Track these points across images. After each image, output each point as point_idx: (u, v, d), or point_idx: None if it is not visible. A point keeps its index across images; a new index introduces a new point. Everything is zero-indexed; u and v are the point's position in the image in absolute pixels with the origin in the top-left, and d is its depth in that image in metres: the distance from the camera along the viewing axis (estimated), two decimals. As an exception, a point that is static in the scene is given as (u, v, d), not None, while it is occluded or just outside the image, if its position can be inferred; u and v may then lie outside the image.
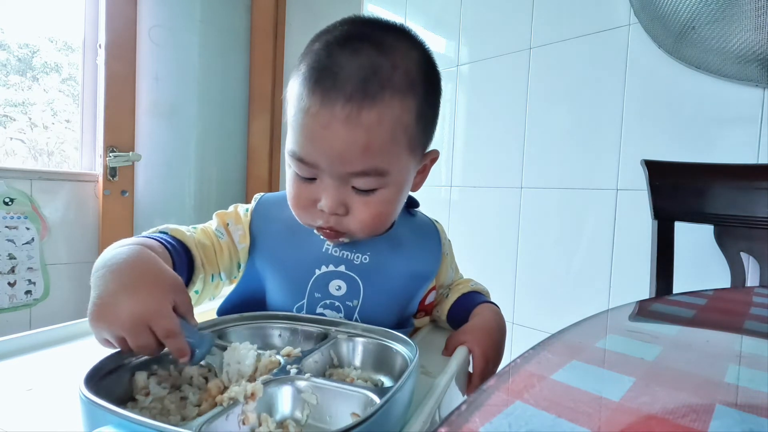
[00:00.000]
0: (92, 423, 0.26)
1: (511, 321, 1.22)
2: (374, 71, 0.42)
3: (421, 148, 0.49)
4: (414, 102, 0.45)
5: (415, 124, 0.45)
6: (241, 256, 0.53)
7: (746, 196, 0.79)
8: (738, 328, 0.38)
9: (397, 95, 0.43)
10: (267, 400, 0.32)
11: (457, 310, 0.60)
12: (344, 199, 0.45)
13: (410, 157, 0.47)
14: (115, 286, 0.36)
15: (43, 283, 1.42)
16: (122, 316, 0.33)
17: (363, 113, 0.41)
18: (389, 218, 0.50)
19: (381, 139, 0.42)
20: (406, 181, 0.49)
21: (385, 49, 0.43)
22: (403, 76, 0.43)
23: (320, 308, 0.51)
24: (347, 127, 0.41)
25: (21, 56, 1.50)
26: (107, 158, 1.50)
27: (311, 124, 0.42)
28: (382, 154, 0.43)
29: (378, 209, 0.46)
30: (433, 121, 0.50)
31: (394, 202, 0.48)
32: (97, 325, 0.34)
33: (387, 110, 0.42)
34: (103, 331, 0.34)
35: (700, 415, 0.20)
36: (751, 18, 0.78)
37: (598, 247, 1.07)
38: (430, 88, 0.48)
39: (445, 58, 1.39)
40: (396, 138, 0.44)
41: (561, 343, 0.31)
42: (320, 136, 0.42)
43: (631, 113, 1.02)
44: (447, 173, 1.38)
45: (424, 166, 0.53)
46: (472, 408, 0.20)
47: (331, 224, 0.47)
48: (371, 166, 0.43)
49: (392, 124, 0.43)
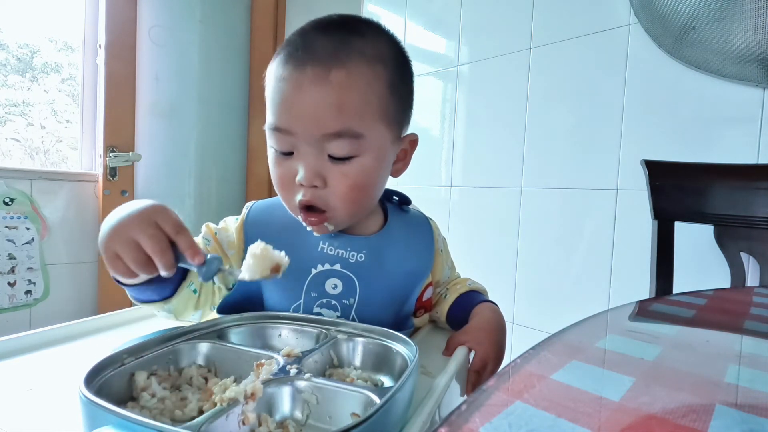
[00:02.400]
0: (92, 423, 0.26)
1: (511, 321, 1.22)
2: (344, 43, 0.45)
3: (397, 125, 0.50)
4: (384, 72, 0.47)
5: (388, 94, 0.47)
6: (234, 261, 0.53)
7: (746, 196, 0.79)
8: (738, 328, 0.38)
9: (366, 62, 0.45)
10: (267, 400, 0.32)
11: (457, 310, 0.60)
12: (320, 170, 0.46)
13: (386, 129, 0.48)
14: (123, 212, 0.38)
15: (43, 283, 1.42)
16: (132, 219, 0.36)
17: (332, 72, 0.43)
18: (369, 192, 0.50)
19: (351, 98, 0.44)
20: (385, 156, 0.50)
21: (356, 30, 0.47)
22: (372, 49, 0.46)
23: (317, 307, 0.51)
24: (317, 86, 0.43)
25: (21, 56, 1.50)
26: (107, 158, 1.51)
27: (284, 89, 0.45)
28: (355, 116, 0.45)
29: (356, 179, 0.47)
30: (406, 100, 0.52)
31: (373, 173, 0.48)
32: (108, 237, 0.37)
33: (356, 72, 0.44)
34: (114, 241, 0.36)
35: (700, 415, 0.20)
36: (752, 18, 0.78)
37: (598, 247, 1.07)
38: (401, 66, 0.50)
39: (445, 58, 1.39)
40: (368, 101, 0.45)
41: (561, 343, 0.31)
42: (293, 99, 0.44)
43: (631, 113, 1.02)
44: (447, 173, 1.38)
45: (405, 151, 0.54)
46: (472, 408, 0.20)
47: (309, 197, 0.47)
48: (344, 127, 0.44)
49: (362, 86, 0.45)
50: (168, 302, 0.46)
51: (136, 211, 0.38)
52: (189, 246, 0.37)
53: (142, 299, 0.45)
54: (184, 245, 0.37)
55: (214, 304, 0.53)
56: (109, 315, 0.58)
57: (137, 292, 0.44)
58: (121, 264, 0.37)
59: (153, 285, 0.42)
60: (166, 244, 0.37)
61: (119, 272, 0.37)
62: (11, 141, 1.47)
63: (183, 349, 0.39)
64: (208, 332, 0.42)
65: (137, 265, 0.36)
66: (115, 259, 0.37)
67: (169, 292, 0.45)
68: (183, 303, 0.48)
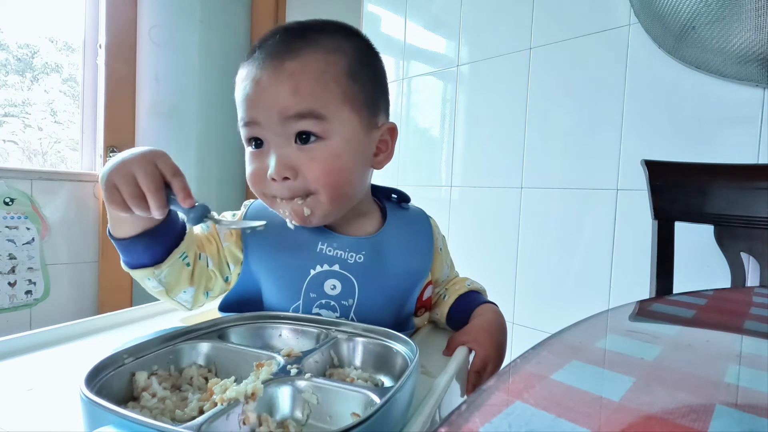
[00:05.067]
0: (92, 423, 0.26)
1: (511, 321, 1.22)
2: (299, 38, 0.48)
3: (367, 111, 0.51)
4: (343, 59, 0.48)
5: (348, 80, 0.48)
6: (228, 255, 0.53)
7: (746, 196, 0.79)
8: (738, 328, 0.38)
9: (321, 50, 0.47)
10: (267, 400, 0.32)
11: (457, 311, 0.60)
12: (290, 160, 0.47)
13: (353, 114, 0.49)
14: (127, 152, 0.41)
15: (43, 283, 1.43)
16: (134, 157, 0.39)
17: (286, 62, 0.46)
18: (344, 177, 0.50)
19: (307, 82, 0.46)
20: (357, 142, 0.50)
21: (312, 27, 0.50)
22: (329, 40, 0.49)
23: (316, 308, 0.51)
24: (273, 75, 0.46)
25: (21, 56, 1.50)
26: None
27: (246, 85, 0.48)
28: (314, 97, 0.46)
29: (325, 163, 0.47)
30: (374, 87, 0.52)
31: (344, 157, 0.48)
32: (110, 170, 0.39)
33: (310, 59, 0.47)
34: (114, 174, 0.39)
35: (700, 415, 0.20)
36: (751, 18, 0.78)
37: (598, 247, 1.07)
38: (363, 56, 0.51)
39: (445, 58, 1.39)
40: (324, 85, 0.47)
41: (561, 343, 0.31)
42: (254, 91, 0.47)
43: (631, 113, 1.02)
44: (447, 173, 1.38)
45: (385, 142, 0.54)
46: (472, 408, 0.20)
47: (287, 194, 0.48)
48: (305, 108, 0.46)
49: (317, 71, 0.47)
50: (159, 268, 0.45)
51: (139, 151, 0.40)
52: (182, 189, 0.40)
53: (134, 263, 0.46)
54: (178, 187, 0.40)
55: (209, 289, 0.52)
56: (109, 315, 0.59)
57: (129, 254, 0.45)
58: (117, 195, 0.39)
59: (145, 240, 0.44)
60: (161, 184, 0.40)
61: (114, 203, 0.40)
62: (10, 143, 1.47)
63: (183, 349, 0.39)
64: (209, 332, 0.42)
65: (132, 198, 0.39)
66: (113, 190, 0.39)
67: (161, 254, 0.45)
68: (175, 274, 0.47)
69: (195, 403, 0.32)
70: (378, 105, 0.53)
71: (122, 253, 0.46)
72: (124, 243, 0.44)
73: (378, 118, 0.53)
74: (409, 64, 1.48)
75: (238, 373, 0.36)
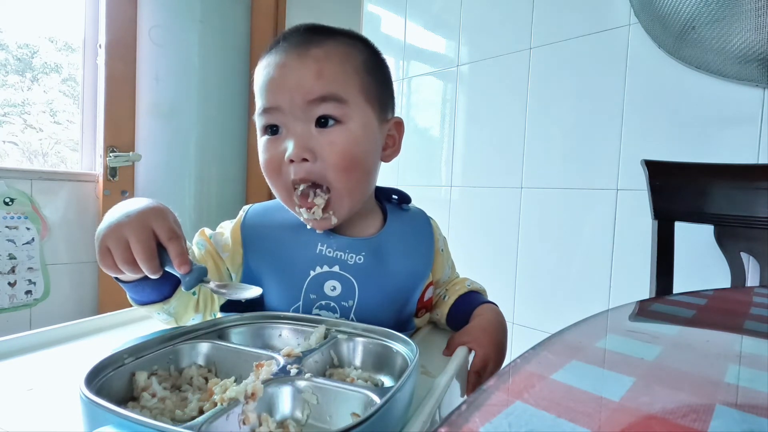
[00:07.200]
0: (92, 423, 0.26)
1: (511, 321, 1.22)
2: (319, 33, 0.50)
3: (379, 105, 0.52)
4: (359, 53, 0.51)
5: (365, 72, 0.50)
6: (228, 264, 0.53)
7: (746, 196, 0.79)
8: (738, 328, 0.38)
9: (342, 43, 0.50)
10: (267, 400, 0.32)
11: (457, 311, 0.60)
12: (308, 142, 0.47)
13: (368, 105, 0.50)
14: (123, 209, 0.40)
15: (43, 283, 1.42)
16: (129, 219, 0.38)
17: (311, 49, 0.48)
18: (361, 165, 0.50)
19: (331, 67, 0.48)
20: (371, 131, 0.51)
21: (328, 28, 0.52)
22: (346, 38, 0.51)
23: (316, 309, 0.51)
24: (298, 59, 0.48)
25: (21, 56, 1.50)
26: (107, 158, 1.50)
27: (269, 71, 0.49)
28: (336, 82, 0.48)
29: (344, 147, 0.48)
30: (385, 84, 0.55)
31: (361, 142, 0.49)
32: (104, 231, 0.38)
33: (333, 48, 0.49)
34: (108, 237, 0.38)
35: (700, 415, 0.20)
36: (752, 18, 0.78)
37: (598, 247, 1.07)
38: (374, 56, 0.54)
39: (445, 58, 1.39)
40: (347, 72, 0.49)
41: (561, 343, 0.31)
42: (278, 76, 0.48)
43: (631, 113, 1.02)
44: (447, 173, 1.38)
45: (392, 137, 0.56)
46: (472, 408, 0.20)
47: (303, 175, 0.48)
48: (327, 91, 0.47)
49: (340, 58, 0.49)
50: (168, 303, 0.45)
51: (135, 211, 0.39)
52: (178, 254, 0.38)
53: (142, 301, 0.45)
54: (174, 253, 0.38)
55: (215, 311, 0.52)
56: (109, 315, 0.59)
57: (136, 292, 0.44)
58: (110, 259, 0.38)
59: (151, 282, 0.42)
60: (153, 252, 0.38)
61: (107, 266, 0.39)
62: (9, 144, 1.47)
63: (183, 349, 0.39)
64: (209, 332, 0.42)
65: (124, 263, 0.38)
66: (106, 253, 0.38)
67: (168, 291, 0.45)
68: (183, 305, 0.48)
69: (195, 403, 0.32)
70: (387, 102, 0.55)
71: (129, 292, 0.45)
72: (129, 285, 0.44)
73: (387, 113, 0.55)
74: (409, 64, 1.48)
75: (238, 373, 0.36)
